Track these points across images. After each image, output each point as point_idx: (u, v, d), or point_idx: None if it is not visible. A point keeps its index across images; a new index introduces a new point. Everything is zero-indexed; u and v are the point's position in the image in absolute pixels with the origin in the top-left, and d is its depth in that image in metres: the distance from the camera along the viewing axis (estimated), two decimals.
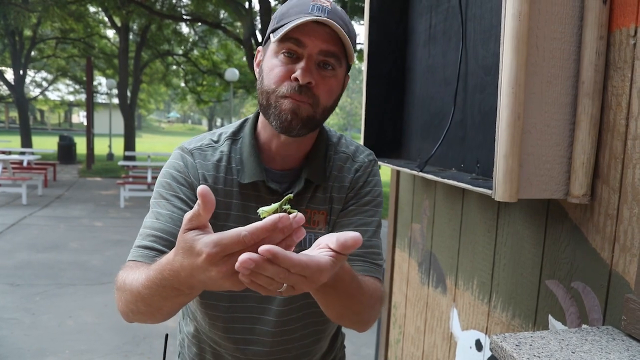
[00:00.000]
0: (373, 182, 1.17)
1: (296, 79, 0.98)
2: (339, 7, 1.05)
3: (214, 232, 1.06)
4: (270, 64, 1.02)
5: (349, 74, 1.12)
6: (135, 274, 0.88)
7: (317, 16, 0.97)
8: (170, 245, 0.98)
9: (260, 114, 1.11)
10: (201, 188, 0.65)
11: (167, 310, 0.87)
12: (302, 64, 0.98)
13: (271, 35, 1.03)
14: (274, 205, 0.74)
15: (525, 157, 1.11)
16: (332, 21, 0.97)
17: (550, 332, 1.02)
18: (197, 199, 1.04)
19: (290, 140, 1.08)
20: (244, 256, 0.60)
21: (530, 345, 0.95)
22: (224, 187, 1.10)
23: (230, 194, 1.10)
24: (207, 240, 0.66)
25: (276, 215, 0.64)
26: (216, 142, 1.14)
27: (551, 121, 1.12)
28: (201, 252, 0.66)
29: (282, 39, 0.98)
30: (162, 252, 0.97)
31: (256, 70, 1.10)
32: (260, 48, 1.11)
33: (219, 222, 1.10)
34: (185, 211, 1.03)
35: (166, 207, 1.04)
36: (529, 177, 1.12)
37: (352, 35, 1.05)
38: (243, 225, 1.06)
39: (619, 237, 1.06)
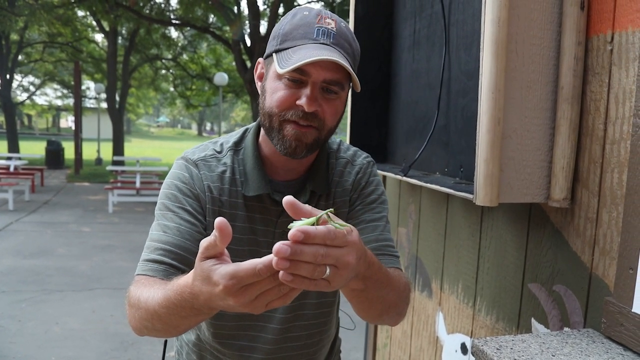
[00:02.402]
0: (375, 181, 1.18)
1: (301, 106, 0.96)
2: (343, 24, 1.02)
3: None
4: (273, 86, 1.00)
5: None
6: (150, 292, 0.87)
7: (322, 44, 0.95)
8: (179, 258, 0.98)
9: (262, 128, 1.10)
10: (219, 220, 0.66)
11: (184, 328, 0.87)
12: (307, 91, 0.96)
13: (274, 55, 1.00)
14: (309, 220, 0.71)
15: (505, 161, 1.12)
16: (335, 49, 0.96)
17: (531, 336, 1.02)
18: (203, 211, 1.06)
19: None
20: (277, 245, 0.61)
21: (511, 348, 0.96)
22: (228, 199, 1.09)
23: (235, 205, 1.09)
24: (223, 272, 0.66)
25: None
26: (219, 152, 1.13)
27: (531, 126, 1.13)
28: (218, 282, 0.67)
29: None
30: (172, 266, 0.97)
31: (258, 84, 1.08)
32: (261, 60, 1.09)
33: None
34: (192, 223, 1.03)
35: (173, 220, 1.03)
36: (509, 182, 1.13)
37: (356, 53, 1.04)
38: (248, 236, 1.10)
39: (598, 241, 1.08)
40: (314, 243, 0.64)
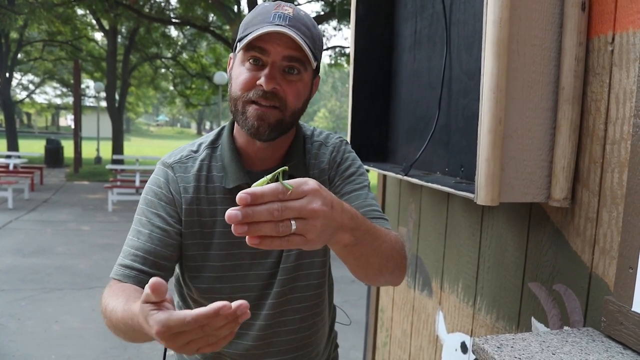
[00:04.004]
0: (350, 157, 1.23)
1: (260, 85, 1.02)
2: (302, 12, 1.08)
3: (204, 240, 1.12)
4: (237, 72, 1.06)
5: (319, 75, 1.17)
6: (115, 303, 0.94)
7: (277, 24, 1.00)
8: (150, 263, 1.05)
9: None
10: (152, 282, 0.70)
11: (141, 342, 0.93)
12: (265, 71, 1.02)
13: (238, 44, 1.06)
14: (265, 178, 0.72)
15: (506, 161, 1.12)
16: (291, 29, 1.01)
17: (532, 334, 1.03)
18: (178, 214, 1.10)
19: (266, 144, 1.11)
20: (228, 212, 0.65)
21: (512, 347, 0.96)
22: (206, 196, 1.13)
23: (214, 201, 1.13)
24: (157, 319, 0.70)
25: (220, 303, 0.67)
26: (195, 152, 1.17)
27: (532, 126, 1.13)
28: (152, 327, 0.71)
29: (247, 48, 1.02)
30: (142, 271, 1.04)
31: (229, 75, 1.14)
32: (231, 55, 1.15)
33: (206, 230, 1.13)
34: (163, 229, 1.08)
35: (146, 226, 1.09)
36: (510, 181, 1.13)
37: (317, 38, 1.09)
38: (231, 228, 1.10)
39: (598, 240, 1.08)
40: (265, 201, 0.65)
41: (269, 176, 0.72)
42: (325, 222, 0.72)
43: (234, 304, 0.68)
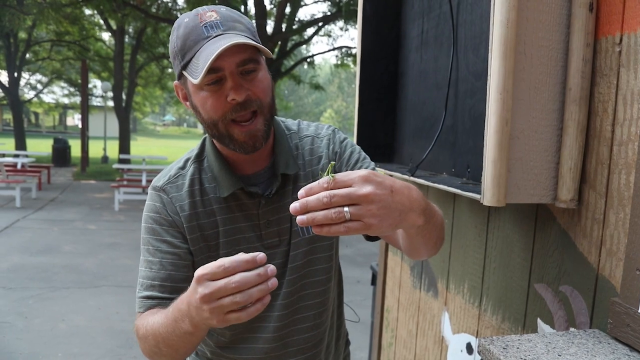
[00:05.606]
0: (348, 143, 1.24)
1: (233, 99, 0.99)
2: (224, 9, 1.04)
3: (211, 252, 1.15)
4: (200, 98, 1.03)
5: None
6: (155, 317, 0.98)
7: (216, 36, 0.98)
8: (168, 289, 1.08)
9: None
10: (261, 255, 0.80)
11: (184, 350, 0.96)
12: (229, 84, 0.99)
13: (184, 72, 1.02)
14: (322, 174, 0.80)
15: (513, 162, 1.12)
16: (230, 34, 0.99)
17: (538, 335, 1.03)
18: (181, 234, 1.12)
19: None
20: (292, 206, 0.74)
21: (517, 348, 0.96)
22: (204, 209, 1.13)
23: (212, 212, 1.14)
24: (201, 268, 0.81)
25: (255, 253, 0.79)
26: (183, 168, 1.17)
27: (539, 127, 1.13)
28: (195, 277, 0.81)
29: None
30: (163, 298, 1.07)
31: (185, 104, 1.11)
32: (177, 83, 1.11)
33: (211, 243, 1.15)
34: (173, 253, 1.10)
35: (156, 255, 1.10)
36: (517, 182, 1.13)
37: (250, 26, 1.06)
38: (236, 236, 1.15)
39: (605, 242, 1.08)
40: (314, 193, 0.73)
41: (324, 173, 0.79)
42: (382, 206, 0.74)
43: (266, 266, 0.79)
